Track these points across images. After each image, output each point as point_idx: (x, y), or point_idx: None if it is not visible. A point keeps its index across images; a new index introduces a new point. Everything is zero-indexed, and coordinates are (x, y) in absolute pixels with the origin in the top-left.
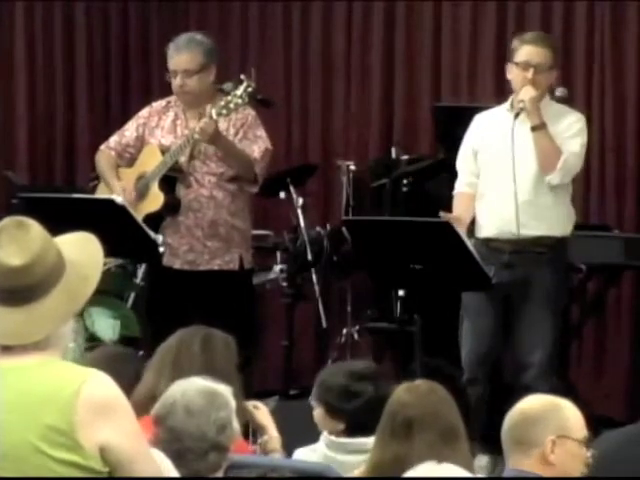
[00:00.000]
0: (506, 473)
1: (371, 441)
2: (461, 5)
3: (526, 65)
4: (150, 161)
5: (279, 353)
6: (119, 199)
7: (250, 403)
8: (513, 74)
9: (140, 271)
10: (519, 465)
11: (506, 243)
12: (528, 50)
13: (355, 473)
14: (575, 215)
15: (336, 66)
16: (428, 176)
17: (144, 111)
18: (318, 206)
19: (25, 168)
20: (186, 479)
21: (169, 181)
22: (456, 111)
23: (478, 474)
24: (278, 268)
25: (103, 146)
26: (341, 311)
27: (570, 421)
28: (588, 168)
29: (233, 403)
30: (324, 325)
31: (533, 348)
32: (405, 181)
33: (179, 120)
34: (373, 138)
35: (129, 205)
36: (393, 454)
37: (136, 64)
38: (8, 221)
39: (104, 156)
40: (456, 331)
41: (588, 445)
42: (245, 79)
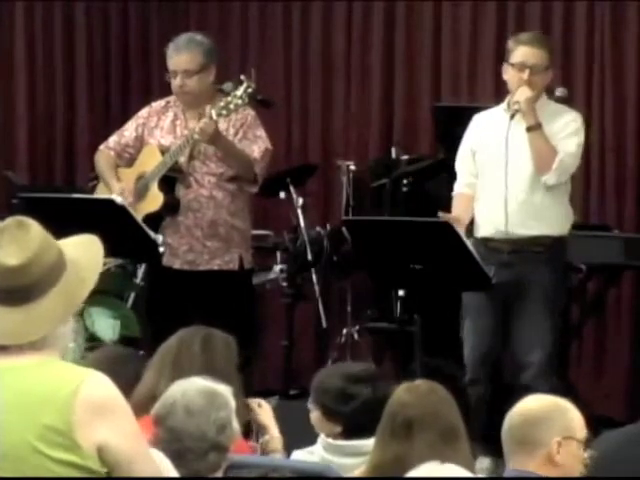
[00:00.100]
0: (506, 474)
1: (368, 443)
2: (461, 5)
3: (522, 66)
4: (149, 161)
5: (279, 353)
6: (119, 199)
7: (254, 401)
8: (509, 75)
9: (140, 271)
10: (522, 466)
11: (504, 243)
12: (524, 51)
13: (355, 473)
14: (573, 214)
15: (336, 66)
16: (428, 176)
17: (143, 111)
18: (318, 206)
19: (25, 168)
20: (186, 479)
21: (169, 181)
22: (456, 111)
23: (479, 476)
24: (278, 268)
25: (102, 146)
26: (341, 311)
27: (574, 422)
28: (588, 168)
29: (233, 403)
30: (324, 325)
31: (532, 348)
32: (405, 181)
33: (178, 120)
34: (373, 138)
35: (128, 206)
36: (393, 454)
37: (136, 64)
38: (9, 221)
39: (103, 156)
40: (456, 331)
41: (587, 445)
42: (245, 80)
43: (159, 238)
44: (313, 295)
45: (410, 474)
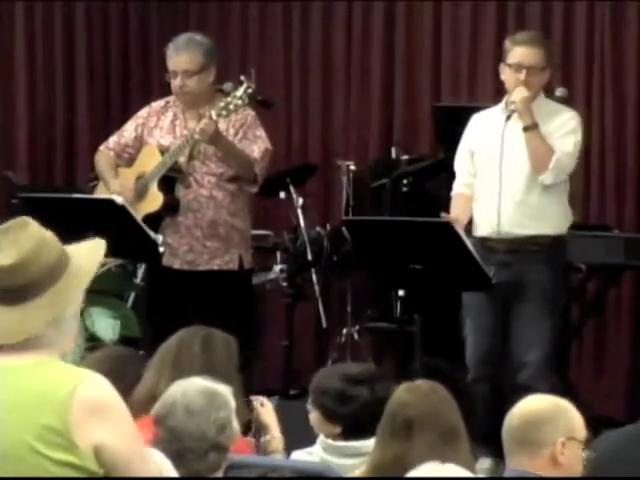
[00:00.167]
0: (507, 474)
1: (368, 444)
2: (461, 5)
3: (518, 67)
4: (149, 161)
5: (279, 353)
6: (119, 199)
7: (257, 399)
8: (506, 75)
9: (140, 271)
10: (523, 466)
11: (499, 242)
12: (520, 51)
13: (355, 473)
14: (572, 214)
15: (336, 66)
16: (428, 176)
17: (143, 111)
18: (318, 206)
19: (25, 168)
20: (186, 479)
21: (168, 181)
22: (456, 111)
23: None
24: (278, 268)
25: (102, 146)
26: (341, 311)
27: (576, 422)
28: (588, 168)
29: (233, 403)
30: (324, 325)
31: (530, 347)
32: (405, 181)
33: (178, 120)
34: (373, 138)
35: (128, 203)
36: (393, 454)
37: (136, 64)
38: (11, 222)
39: (103, 156)
40: (456, 331)
41: (587, 446)
42: (245, 80)
43: (159, 238)
44: (313, 295)
45: (410, 474)
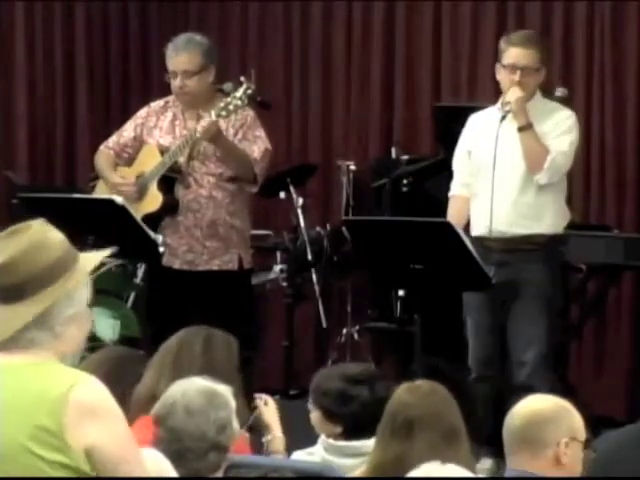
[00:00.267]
0: (507, 474)
1: (369, 444)
2: (461, 5)
3: (513, 68)
4: (149, 161)
5: (279, 353)
6: (119, 199)
7: (260, 397)
8: (501, 75)
9: (140, 271)
10: (525, 466)
11: (494, 242)
12: (515, 52)
13: (356, 473)
14: (569, 213)
15: (336, 66)
16: (428, 176)
17: (142, 111)
18: (318, 206)
19: (25, 168)
20: (186, 479)
21: (168, 181)
22: (456, 111)
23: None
24: (278, 268)
25: (102, 146)
26: (341, 311)
27: (578, 423)
28: (588, 168)
29: (233, 403)
30: (324, 325)
31: (527, 346)
32: (405, 181)
33: (177, 120)
34: (373, 138)
35: (129, 198)
36: (394, 454)
37: (136, 64)
38: (19, 224)
39: (103, 155)
40: (456, 331)
41: (587, 446)
42: (245, 81)
43: (159, 238)
44: (313, 295)
45: (411, 474)
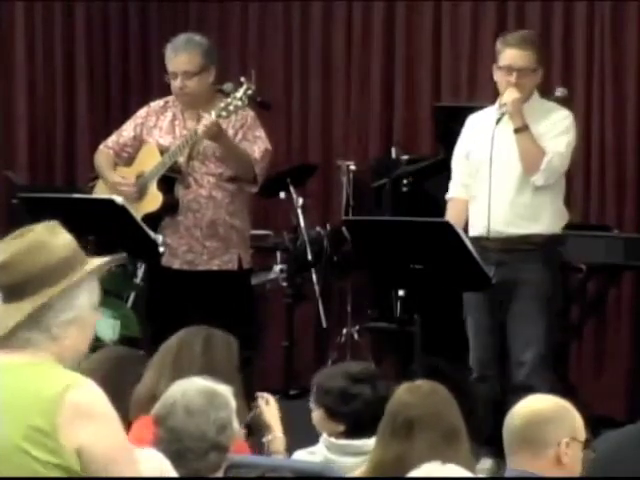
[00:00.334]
0: (507, 474)
1: (370, 443)
2: (461, 5)
3: (509, 69)
4: (149, 161)
5: (279, 353)
6: (119, 199)
7: (262, 396)
8: (498, 77)
9: (140, 271)
10: (525, 466)
11: (493, 242)
12: (511, 54)
13: (356, 473)
14: (567, 213)
15: (336, 66)
16: (428, 176)
17: (142, 111)
18: (318, 206)
19: (25, 168)
20: (186, 479)
21: (167, 181)
22: (456, 111)
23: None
24: (278, 268)
25: (101, 145)
26: (341, 311)
27: (578, 423)
28: (588, 168)
29: (233, 403)
30: (324, 325)
31: (525, 346)
32: (405, 181)
33: (177, 120)
34: (373, 138)
35: (129, 197)
36: (394, 454)
37: (136, 64)
38: (26, 227)
39: (102, 155)
40: (456, 331)
41: (586, 446)
42: (245, 81)
43: (159, 238)
44: (313, 295)
45: (411, 474)
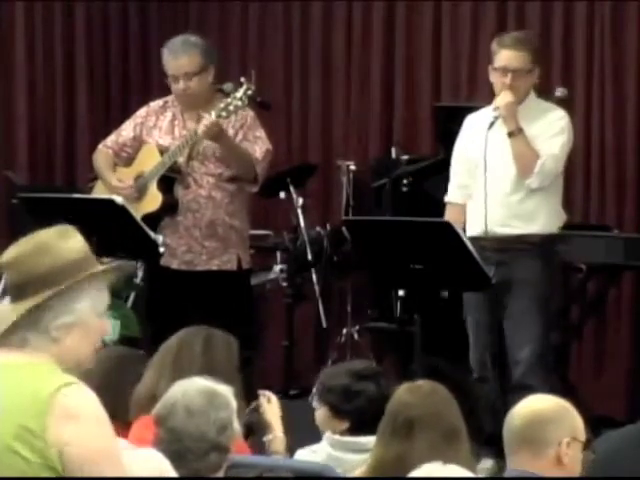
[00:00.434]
0: (507, 474)
1: (374, 440)
2: (461, 5)
3: (504, 70)
4: (148, 161)
5: (279, 353)
6: (119, 199)
7: (264, 394)
8: (493, 78)
9: (140, 271)
10: (525, 465)
11: (490, 241)
12: (506, 55)
13: (356, 473)
14: (564, 213)
15: (336, 66)
16: (428, 176)
17: (142, 111)
18: (318, 206)
19: (25, 168)
20: (186, 479)
21: (167, 181)
22: (456, 111)
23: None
24: (278, 268)
25: (100, 145)
26: (341, 311)
27: (579, 423)
28: (588, 168)
29: (234, 403)
30: (324, 325)
31: (522, 345)
32: (405, 181)
33: (177, 121)
34: (373, 138)
35: (127, 198)
36: (394, 453)
37: (136, 64)
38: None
39: (102, 154)
40: (456, 331)
41: (586, 447)
42: (245, 82)
43: (159, 238)
44: (313, 295)
45: (412, 474)
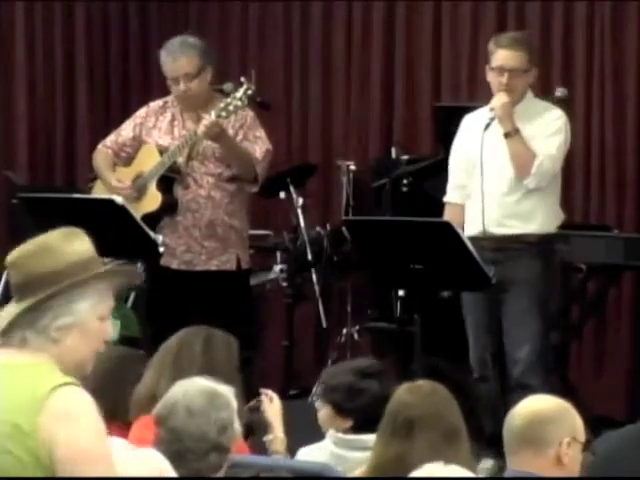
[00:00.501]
0: (507, 474)
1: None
2: (461, 5)
3: (501, 70)
4: (148, 161)
5: (279, 353)
6: (119, 199)
7: (267, 393)
8: (490, 77)
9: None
10: (526, 465)
11: (487, 241)
12: (502, 54)
13: (356, 473)
14: (562, 213)
15: (336, 66)
16: (428, 176)
17: (141, 111)
18: (318, 206)
19: (25, 168)
20: (186, 479)
21: (167, 181)
22: (456, 111)
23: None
24: (278, 268)
25: (100, 145)
26: (341, 311)
27: (579, 423)
28: (588, 168)
29: (235, 404)
30: (324, 325)
31: (520, 344)
32: (405, 181)
33: (176, 121)
34: (373, 138)
35: (126, 198)
36: (394, 453)
37: (136, 64)
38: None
39: (101, 154)
40: (456, 331)
41: (586, 447)
42: (245, 82)
43: (159, 238)
44: (313, 295)
45: (413, 474)
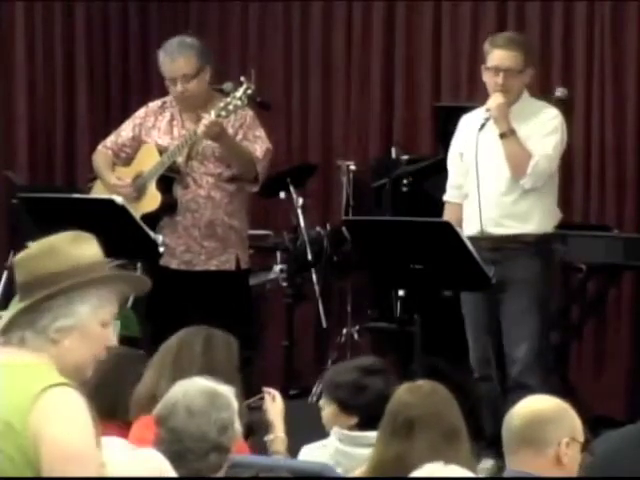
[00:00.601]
0: (507, 474)
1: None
2: (461, 5)
3: (496, 70)
4: (147, 161)
5: (279, 353)
6: (119, 199)
7: (269, 392)
8: (486, 77)
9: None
10: (525, 465)
11: (485, 241)
12: (498, 54)
13: (356, 473)
14: (559, 212)
15: (336, 66)
16: (428, 176)
17: (140, 111)
18: (318, 206)
19: (25, 168)
20: (186, 479)
21: (166, 181)
22: (456, 111)
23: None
24: (278, 268)
25: (100, 146)
26: (341, 311)
27: (578, 423)
28: (588, 168)
29: (235, 404)
30: (324, 325)
31: (518, 344)
32: (405, 181)
33: (175, 121)
34: (373, 138)
35: (126, 197)
36: (394, 453)
37: (136, 64)
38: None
39: (101, 155)
40: (456, 331)
41: (586, 447)
42: (245, 81)
43: (159, 238)
44: (313, 295)
45: (413, 474)
